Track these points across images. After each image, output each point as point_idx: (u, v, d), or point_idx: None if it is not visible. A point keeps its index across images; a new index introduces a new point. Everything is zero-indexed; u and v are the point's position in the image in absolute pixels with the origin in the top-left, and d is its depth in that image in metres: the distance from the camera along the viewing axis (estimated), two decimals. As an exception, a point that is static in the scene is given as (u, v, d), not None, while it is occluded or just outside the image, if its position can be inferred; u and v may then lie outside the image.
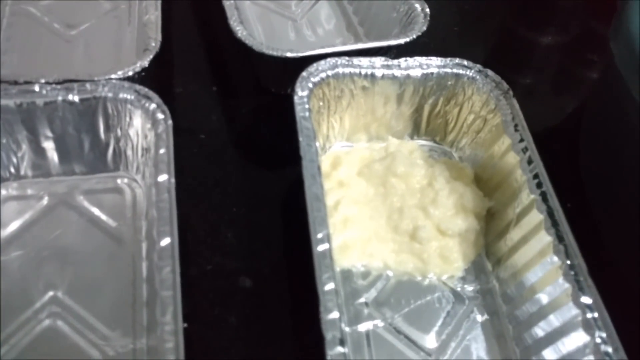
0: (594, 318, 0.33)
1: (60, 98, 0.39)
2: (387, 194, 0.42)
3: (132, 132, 0.40)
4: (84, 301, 0.37)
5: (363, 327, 0.38)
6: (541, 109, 0.54)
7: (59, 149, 0.41)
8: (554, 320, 0.36)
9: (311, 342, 0.32)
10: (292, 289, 0.39)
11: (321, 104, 0.43)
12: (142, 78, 0.42)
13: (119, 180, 0.42)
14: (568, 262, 0.35)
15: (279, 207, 0.44)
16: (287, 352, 0.37)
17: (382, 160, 0.43)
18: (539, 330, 0.36)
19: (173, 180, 0.36)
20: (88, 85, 0.39)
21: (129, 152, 0.41)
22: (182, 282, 0.32)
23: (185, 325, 0.31)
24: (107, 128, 0.40)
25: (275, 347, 0.37)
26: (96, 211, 0.41)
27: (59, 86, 0.39)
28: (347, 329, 0.37)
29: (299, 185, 0.36)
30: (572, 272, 0.35)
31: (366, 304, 0.39)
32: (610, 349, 0.32)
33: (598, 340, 0.32)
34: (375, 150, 0.45)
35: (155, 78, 0.43)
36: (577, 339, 0.34)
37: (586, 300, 0.34)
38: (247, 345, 0.37)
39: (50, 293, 0.37)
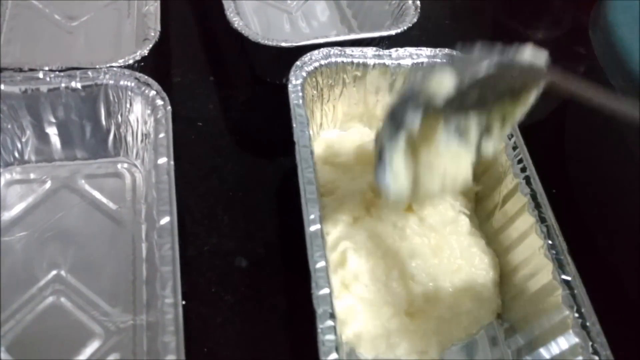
0: (572, 294, 0.35)
1: (63, 85, 0.40)
2: None
3: (132, 118, 0.42)
4: (86, 279, 0.38)
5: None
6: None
7: (62, 134, 0.42)
8: (536, 298, 0.37)
9: (304, 318, 0.33)
10: (286, 269, 0.41)
11: (315, 92, 0.44)
12: (142, 68, 0.43)
13: (119, 165, 0.44)
14: (549, 242, 0.37)
15: (273, 192, 0.45)
16: (280, 329, 0.38)
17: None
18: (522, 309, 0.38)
19: (172, 162, 0.37)
20: (90, 73, 0.41)
21: (129, 138, 0.43)
22: (180, 262, 0.33)
23: (184, 302, 0.32)
24: (108, 114, 0.42)
25: (269, 324, 0.39)
26: (97, 195, 0.42)
27: (62, 73, 0.40)
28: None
29: (292, 171, 0.38)
30: (554, 252, 0.36)
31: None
32: (588, 323, 0.34)
33: (576, 315, 0.34)
34: (366, 134, 0.46)
35: (155, 68, 0.45)
36: (557, 314, 0.35)
37: (566, 277, 0.35)
38: (242, 321, 0.38)
39: (54, 272, 0.38)
